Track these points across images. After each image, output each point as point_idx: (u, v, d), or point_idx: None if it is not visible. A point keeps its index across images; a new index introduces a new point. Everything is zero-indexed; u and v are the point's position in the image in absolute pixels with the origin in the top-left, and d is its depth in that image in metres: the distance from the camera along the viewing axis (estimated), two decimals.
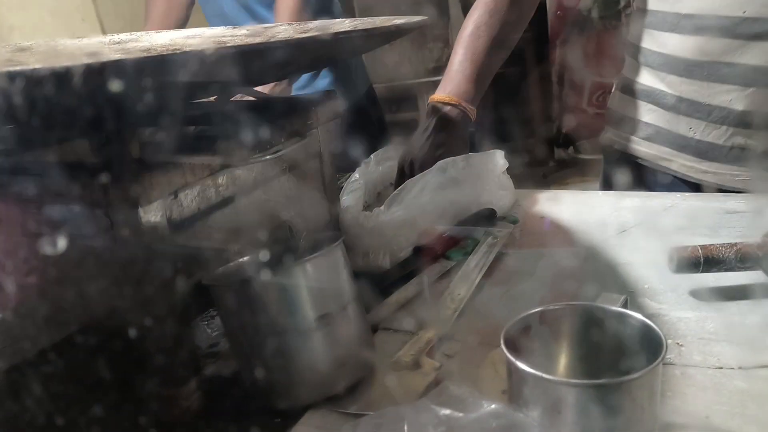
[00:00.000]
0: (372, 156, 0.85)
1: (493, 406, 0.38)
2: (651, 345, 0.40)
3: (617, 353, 0.43)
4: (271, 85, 1.03)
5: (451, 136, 0.88)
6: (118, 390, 0.55)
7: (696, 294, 0.64)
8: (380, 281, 0.71)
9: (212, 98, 0.69)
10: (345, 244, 0.74)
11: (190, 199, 0.54)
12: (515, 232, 0.81)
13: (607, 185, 1.01)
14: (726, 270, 0.62)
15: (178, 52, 0.46)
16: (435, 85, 0.95)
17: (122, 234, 0.49)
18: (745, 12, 0.77)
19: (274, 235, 0.63)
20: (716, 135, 0.85)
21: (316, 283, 0.52)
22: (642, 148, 0.94)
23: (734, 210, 0.81)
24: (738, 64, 0.80)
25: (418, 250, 0.74)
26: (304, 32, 0.72)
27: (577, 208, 0.87)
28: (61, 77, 0.39)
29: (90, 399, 0.54)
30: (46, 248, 0.51)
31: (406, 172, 0.85)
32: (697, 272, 0.62)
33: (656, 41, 0.88)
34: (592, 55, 2.66)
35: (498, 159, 0.84)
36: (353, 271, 0.72)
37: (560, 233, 0.82)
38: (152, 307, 0.51)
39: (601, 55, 2.63)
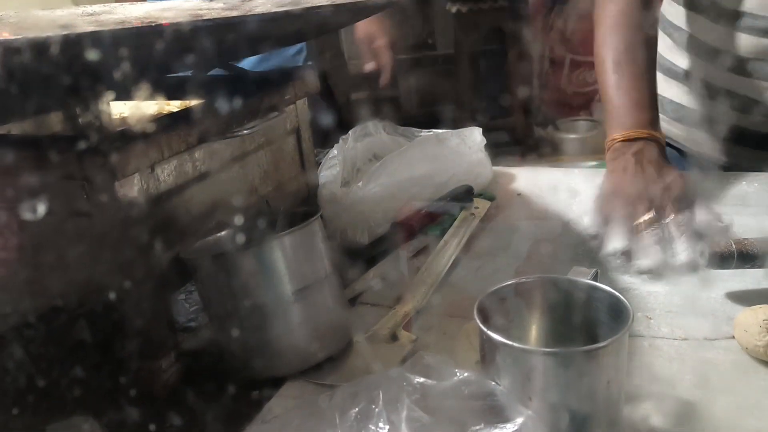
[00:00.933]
0: (350, 132, 0.85)
1: (465, 374, 0.40)
2: (619, 316, 0.42)
3: (587, 324, 0.44)
4: None
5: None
6: (97, 364, 0.56)
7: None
8: (358, 256, 0.72)
9: (188, 72, 0.69)
10: (323, 219, 0.75)
11: (167, 173, 0.54)
12: (492, 208, 0.82)
13: None
14: (759, 266, 0.59)
15: (153, 24, 0.45)
16: (415, 62, 0.92)
17: (99, 208, 0.49)
18: None
19: (252, 209, 0.63)
20: (754, 123, 0.86)
21: (293, 257, 0.53)
22: (673, 128, 0.94)
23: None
24: None
25: (395, 226, 0.75)
26: (282, 6, 0.72)
27: (554, 185, 0.88)
28: (37, 49, 0.39)
29: (69, 373, 0.55)
30: (22, 221, 0.51)
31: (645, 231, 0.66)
32: (730, 268, 0.59)
33: (704, 30, 0.85)
34: (572, 32, 2.66)
35: (476, 136, 0.84)
36: (331, 246, 0.73)
37: (536, 209, 0.83)
38: (129, 281, 0.51)
39: (582, 33, 2.63)
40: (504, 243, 0.74)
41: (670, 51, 0.94)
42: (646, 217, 0.65)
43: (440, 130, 0.88)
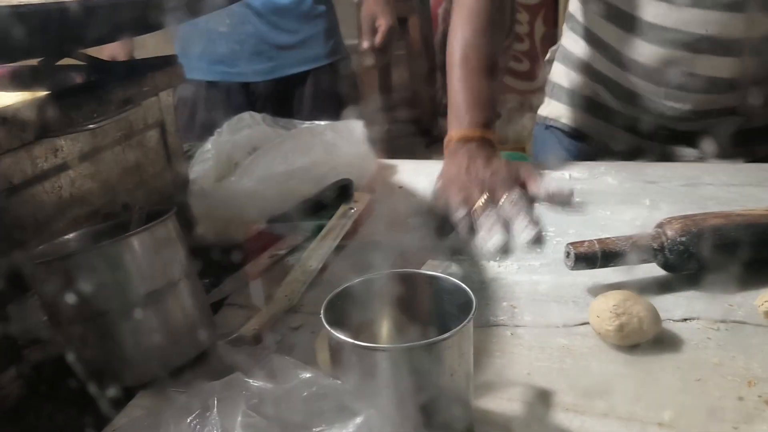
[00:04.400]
0: (225, 125, 0.82)
1: (307, 375, 0.38)
2: (467, 307, 0.42)
3: (438, 317, 0.44)
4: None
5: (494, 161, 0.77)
6: None
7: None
8: (232, 254, 0.69)
9: (35, 60, 0.64)
10: (195, 215, 0.72)
11: None
12: (372, 201, 0.81)
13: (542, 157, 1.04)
14: (623, 264, 0.59)
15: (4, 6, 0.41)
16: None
17: None
18: (707, 30, 0.80)
19: (106, 209, 0.59)
20: (664, 121, 0.90)
21: (143, 258, 0.50)
22: (569, 113, 0.98)
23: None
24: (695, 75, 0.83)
25: (270, 224, 0.73)
26: None
27: (435, 177, 0.89)
28: None
29: None
30: None
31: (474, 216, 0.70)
32: (594, 268, 0.59)
33: (614, 36, 0.88)
34: None
35: (356, 128, 0.84)
36: (203, 244, 0.70)
37: (416, 202, 0.83)
38: None
39: None
40: (381, 237, 0.74)
41: (566, 38, 0.97)
42: (481, 201, 0.68)
43: (321, 122, 0.87)
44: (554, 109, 1.02)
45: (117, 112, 0.58)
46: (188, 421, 0.37)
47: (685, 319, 0.56)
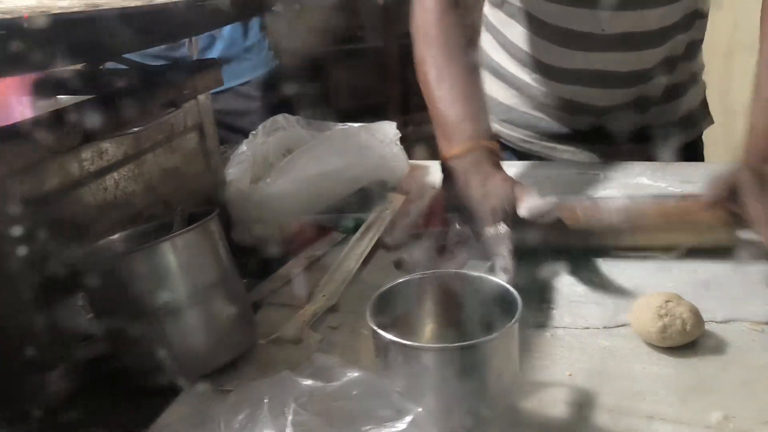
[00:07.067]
0: (260, 127, 0.83)
1: (356, 374, 0.39)
2: (510, 307, 0.42)
3: (482, 317, 0.44)
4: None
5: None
6: None
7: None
8: (269, 255, 0.70)
9: (80, 65, 0.65)
10: (231, 217, 0.73)
11: (48, 175, 0.51)
12: (406, 203, 0.81)
13: None
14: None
15: (44, 14, 0.43)
16: (344, 54, 0.88)
17: None
18: (603, 30, 0.81)
19: (148, 211, 0.61)
20: (573, 122, 0.91)
21: (187, 259, 0.51)
22: (505, 130, 0.96)
23: None
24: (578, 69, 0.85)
25: (306, 224, 0.73)
26: None
27: None
28: None
29: None
30: None
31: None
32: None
33: (514, 31, 0.89)
34: None
35: (389, 130, 0.84)
36: (240, 244, 0.71)
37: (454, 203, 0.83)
38: (5, 292, 0.48)
39: None
40: (417, 238, 0.74)
41: (496, 52, 0.95)
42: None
43: (355, 124, 0.87)
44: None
45: (160, 115, 0.59)
46: (239, 418, 0.37)
47: (728, 321, 0.55)
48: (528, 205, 0.62)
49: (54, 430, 0.50)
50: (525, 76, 0.91)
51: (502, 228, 0.61)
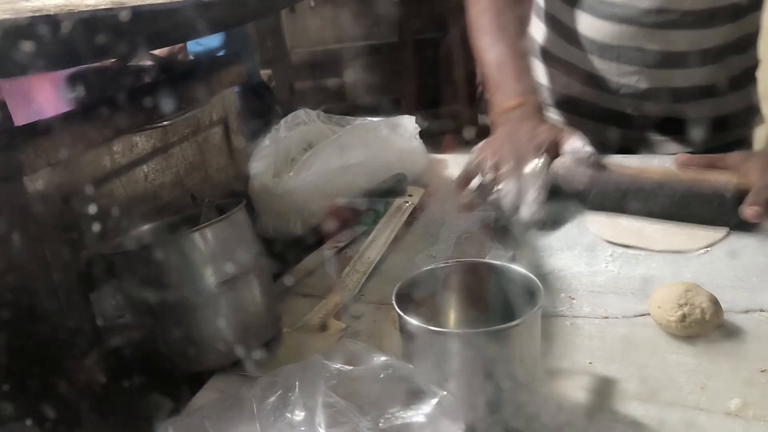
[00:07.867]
0: (282, 122, 0.84)
1: (383, 358, 0.40)
2: (533, 296, 0.43)
3: (504, 305, 0.45)
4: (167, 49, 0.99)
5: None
6: (15, 370, 0.54)
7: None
8: (291, 247, 0.71)
9: (109, 62, 0.67)
10: (255, 210, 0.75)
11: (82, 167, 0.53)
12: (425, 195, 0.83)
13: None
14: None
15: (73, 12, 0.44)
16: (361, 50, 0.92)
17: (7, 205, 0.47)
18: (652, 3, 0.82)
19: (176, 202, 0.62)
20: (623, 105, 0.91)
21: (216, 248, 0.52)
22: (554, 116, 0.97)
23: None
24: (645, 50, 0.85)
25: (328, 217, 0.75)
26: None
27: None
28: None
29: None
30: None
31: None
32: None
33: (570, 16, 0.90)
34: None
35: (408, 124, 0.85)
36: (263, 237, 0.72)
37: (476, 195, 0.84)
38: (44, 281, 0.49)
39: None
40: (436, 230, 0.75)
41: (533, 26, 0.97)
42: (507, 166, 0.71)
43: (375, 119, 0.88)
44: None
45: (188, 109, 0.60)
46: (271, 400, 0.39)
47: (747, 311, 0.56)
48: (571, 145, 0.71)
49: (88, 415, 0.52)
50: (558, 47, 0.93)
51: (542, 162, 0.68)
